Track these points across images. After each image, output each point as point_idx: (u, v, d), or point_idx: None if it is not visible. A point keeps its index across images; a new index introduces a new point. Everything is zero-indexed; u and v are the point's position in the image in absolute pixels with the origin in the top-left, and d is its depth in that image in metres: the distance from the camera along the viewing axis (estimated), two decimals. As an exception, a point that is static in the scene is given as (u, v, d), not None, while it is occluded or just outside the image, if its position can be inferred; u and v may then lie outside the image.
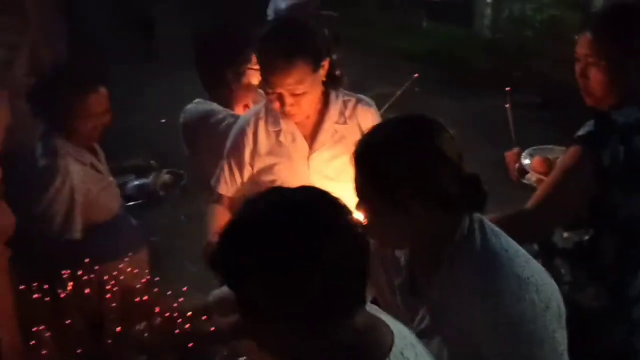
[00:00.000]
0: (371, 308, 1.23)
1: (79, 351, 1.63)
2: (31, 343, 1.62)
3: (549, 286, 1.37)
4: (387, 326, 1.18)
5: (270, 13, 4.35)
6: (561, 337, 1.35)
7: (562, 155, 1.90)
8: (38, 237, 2.15)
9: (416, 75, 2.86)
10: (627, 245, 1.83)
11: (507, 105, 2.63)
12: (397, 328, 1.20)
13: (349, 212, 1.12)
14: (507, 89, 2.60)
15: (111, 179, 2.51)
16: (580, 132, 1.82)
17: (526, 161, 2.18)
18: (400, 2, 9.51)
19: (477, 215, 1.41)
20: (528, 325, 1.30)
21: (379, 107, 2.21)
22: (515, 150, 2.31)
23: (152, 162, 3.24)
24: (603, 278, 1.85)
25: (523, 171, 2.21)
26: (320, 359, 1.12)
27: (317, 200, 1.11)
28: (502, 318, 1.30)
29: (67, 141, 2.29)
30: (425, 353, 1.25)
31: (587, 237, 1.86)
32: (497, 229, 1.42)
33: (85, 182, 2.30)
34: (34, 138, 2.33)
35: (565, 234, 1.91)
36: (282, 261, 1.03)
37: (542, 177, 2.08)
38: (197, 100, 2.64)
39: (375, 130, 1.44)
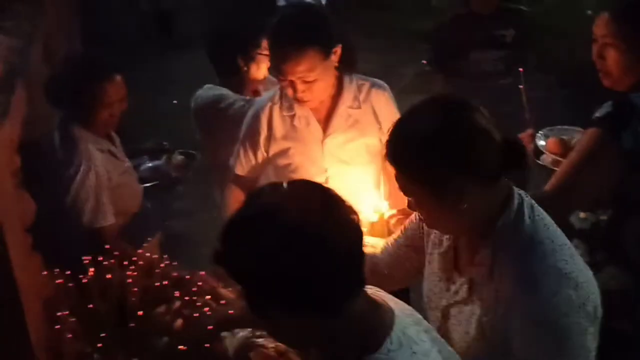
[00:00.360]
0: (372, 289, 1.25)
1: (102, 335, 1.67)
2: (56, 327, 1.66)
3: (589, 285, 1.34)
4: (388, 306, 1.20)
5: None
6: (592, 338, 1.33)
7: (580, 137, 1.89)
8: (61, 225, 2.18)
9: (424, 61, 2.85)
10: None
11: (520, 87, 2.62)
12: (399, 307, 1.23)
13: (345, 204, 1.14)
14: (520, 69, 2.59)
15: (129, 164, 2.54)
16: (598, 114, 1.80)
17: (541, 142, 2.18)
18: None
19: (528, 199, 1.39)
20: (561, 320, 1.29)
21: (397, 88, 2.22)
22: (530, 131, 2.31)
23: (164, 143, 3.28)
24: (622, 258, 1.86)
25: (538, 152, 2.21)
26: (324, 342, 1.16)
27: (312, 195, 1.14)
28: (536, 307, 1.30)
29: (85, 129, 2.31)
30: (430, 328, 1.28)
31: (604, 218, 1.86)
32: (548, 217, 1.41)
33: (107, 169, 2.33)
34: (51, 127, 2.36)
35: (583, 215, 1.91)
36: (280, 255, 1.06)
37: (557, 158, 2.08)
38: (207, 85, 2.67)
39: (404, 123, 1.38)
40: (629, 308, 1.88)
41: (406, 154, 1.34)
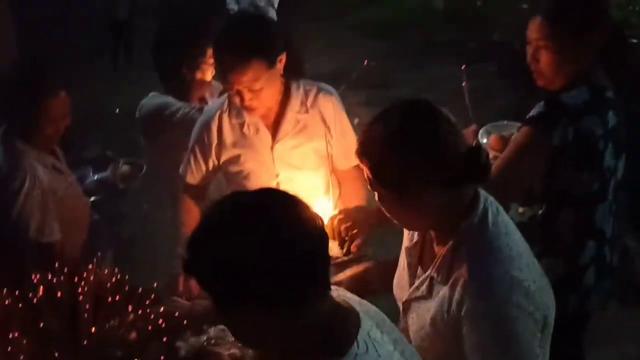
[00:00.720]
0: (338, 292, 1.29)
1: (57, 354, 1.65)
2: (8, 349, 1.64)
3: (541, 295, 1.40)
4: (354, 309, 1.23)
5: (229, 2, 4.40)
6: (539, 345, 1.38)
7: (514, 136, 1.98)
8: (6, 242, 2.14)
9: (366, 63, 2.86)
10: (578, 219, 1.94)
11: (463, 84, 2.68)
12: (363, 309, 1.26)
13: (306, 206, 1.18)
14: (463, 67, 2.63)
15: (72, 177, 2.51)
16: (532, 113, 1.90)
17: (484, 140, 2.25)
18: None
19: (495, 205, 1.45)
20: (510, 324, 1.34)
21: (341, 82, 2.25)
22: (473, 127, 2.37)
23: (108, 152, 3.21)
24: (556, 249, 1.96)
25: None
26: (286, 343, 1.19)
27: (273, 198, 1.19)
28: (488, 312, 1.35)
29: (28, 144, 2.27)
30: (393, 329, 1.32)
31: (540, 212, 1.95)
32: (512, 224, 1.46)
33: (51, 184, 2.29)
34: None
35: (521, 209, 2.00)
36: (243, 258, 1.10)
37: (499, 154, 2.16)
38: (152, 93, 2.66)
39: (372, 126, 1.43)
40: (564, 297, 1.98)
41: (370, 154, 1.39)
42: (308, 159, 2.11)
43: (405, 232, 1.62)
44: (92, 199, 2.63)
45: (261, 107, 2.01)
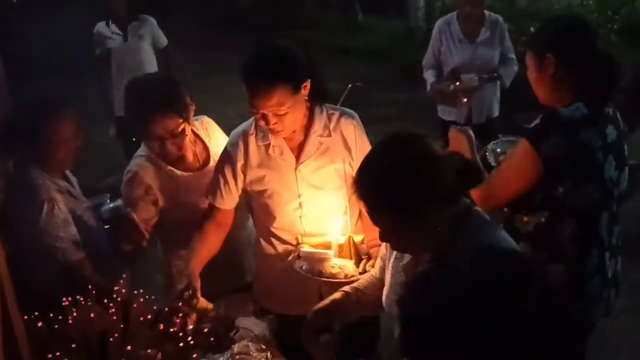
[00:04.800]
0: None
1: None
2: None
3: None
4: None
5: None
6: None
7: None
8: (33, 267, 2.18)
9: (350, 85, 2.96)
10: (581, 228, 2.04)
11: (464, 100, 2.78)
12: None
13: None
14: (457, 84, 2.72)
15: (88, 203, 2.54)
16: (529, 126, 2.05)
17: (492, 160, 2.35)
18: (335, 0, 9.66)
19: (474, 207, 1.58)
20: None
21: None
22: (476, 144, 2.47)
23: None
24: (561, 257, 2.06)
25: (488, 167, 2.38)
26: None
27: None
28: None
29: (42, 170, 2.31)
30: None
31: (543, 220, 2.06)
32: (491, 222, 1.59)
33: (68, 207, 2.33)
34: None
35: (525, 218, 2.11)
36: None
37: None
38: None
39: (366, 167, 1.57)
40: (571, 303, 2.08)
41: (372, 191, 1.52)
42: (330, 179, 2.20)
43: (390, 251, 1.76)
44: (107, 227, 2.64)
45: (285, 130, 2.10)
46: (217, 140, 2.50)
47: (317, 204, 2.19)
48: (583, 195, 2.02)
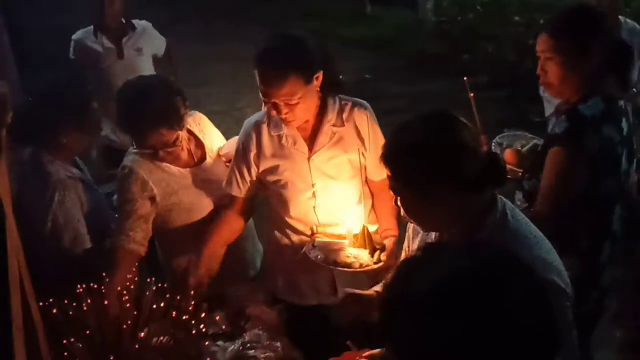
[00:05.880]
0: None
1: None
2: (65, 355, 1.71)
3: (566, 273, 1.52)
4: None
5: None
6: (571, 312, 1.50)
7: (548, 158, 2.04)
8: (46, 256, 2.20)
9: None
10: (597, 220, 2.05)
11: (471, 95, 2.76)
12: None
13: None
14: (465, 78, 2.74)
15: (99, 191, 2.57)
16: (556, 131, 2.01)
17: (497, 152, 2.35)
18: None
19: (508, 203, 1.56)
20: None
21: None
22: (482, 138, 2.47)
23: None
24: (576, 249, 2.06)
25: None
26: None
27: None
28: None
29: (54, 158, 2.34)
30: None
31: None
32: (525, 217, 1.57)
33: (79, 196, 2.36)
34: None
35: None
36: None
37: (513, 168, 2.27)
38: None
39: (398, 133, 1.55)
40: (584, 295, 2.09)
41: (396, 159, 1.51)
42: (343, 169, 2.20)
43: (410, 234, 1.74)
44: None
45: (297, 120, 2.11)
46: (210, 135, 2.48)
47: (331, 194, 2.19)
48: (603, 188, 2.02)
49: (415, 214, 1.57)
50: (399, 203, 1.57)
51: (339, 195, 2.20)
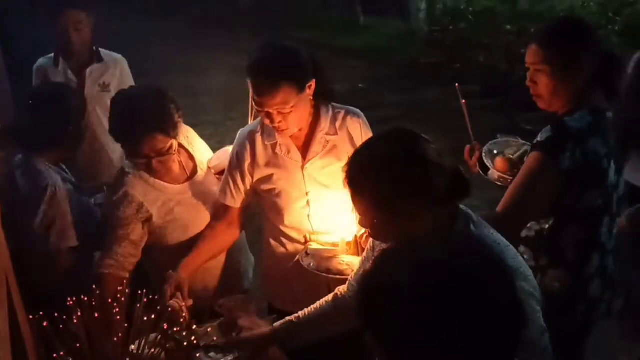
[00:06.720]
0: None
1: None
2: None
3: (533, 277, 1.54)
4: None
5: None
6: (542, 320, 1.51)
7: (526, 160, 2.06)
8: (34, 251, 2.22)
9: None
10: (584, 232, 2.05)
11: (463, 102, 2.77)
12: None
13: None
14: (457, 85, 2.74)
15: (86, 198, 2.56)
16: (539, 139, 2.01)
17: (489, 162, 2.35)
18: (336, 0, 9.67)
19: (469, 213, 1.57)
20: None
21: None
22: (474, 144, 2.47)
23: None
24: (563, 261, 2.07)
25: (485, 167, 2.38)
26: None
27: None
28: None
29: (46, 161, 2.37)
30: None
31: (547, 226, 2.07)
32: (489, 226, 1.58)
33: (70, 195, 2.37)
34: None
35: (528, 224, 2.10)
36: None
37: (504, 175, 2.26)
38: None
39: (359, 153, 1.57)
40: (572, 307, 2.10)
41: (362, 181, 1.52)
42: (337, 178, 2.16)
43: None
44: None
45: (290, 128, 2.11)
46: (198, 148, 2.47)
47: (325, 202, 2.20)
48: (589, 201, 2.02)
49: (386, 236, 1.58)
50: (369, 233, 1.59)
51: (333, 204, 2.19)
